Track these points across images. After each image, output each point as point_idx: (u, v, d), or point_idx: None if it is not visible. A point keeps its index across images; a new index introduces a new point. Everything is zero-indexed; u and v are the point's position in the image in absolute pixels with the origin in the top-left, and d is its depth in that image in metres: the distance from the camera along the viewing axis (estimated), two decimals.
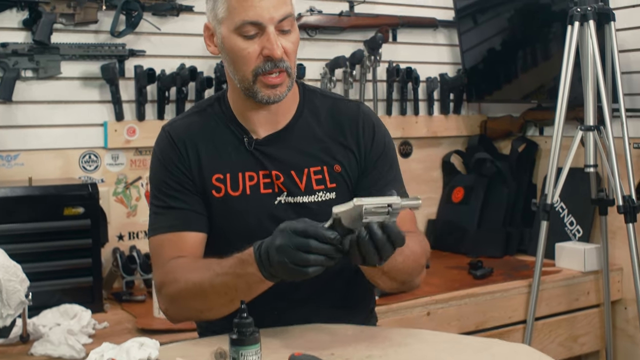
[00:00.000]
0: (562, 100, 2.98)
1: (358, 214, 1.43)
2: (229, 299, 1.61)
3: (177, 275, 1.70)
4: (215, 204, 1.79)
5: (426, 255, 1.79)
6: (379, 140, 1.86)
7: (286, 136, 1.82)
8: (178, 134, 1.83)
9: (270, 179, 1.79)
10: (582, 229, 3.38)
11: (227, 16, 1.69)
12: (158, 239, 1.80)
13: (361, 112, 1.88)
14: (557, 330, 3.16)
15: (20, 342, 2.33)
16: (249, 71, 1.71)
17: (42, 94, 2.92)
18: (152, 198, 1.85)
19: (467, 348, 1.62)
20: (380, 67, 3.52)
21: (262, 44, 1.68)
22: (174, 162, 1.80)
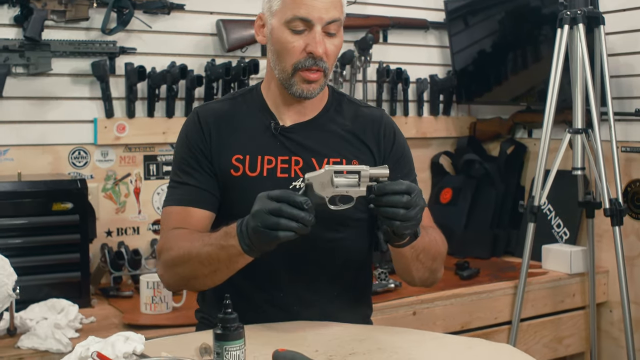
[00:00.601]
0: (551, 103, 2.99)
1: (328, 179, 1.55)
2: (212, 269, 1.71)
3: (172, 244, 1.80)
4: (232, 183, 1.88)
5: (446, 246, 1.91)
6: (399, 145, 1.98)
7: (311, 126, 1.93)
8: (205, 116, 1.93)
9: (288, 165, 1.89)
10: (569, 232, 3.40)
11: (280, 9, 1.81)
12: (167, 210, 1.91)
13: (384, 118, 2.01)
14: (542, 331, 3.17)
15: (7, 336, 2.34)
16: (290, 64, 1.82)
17: (33, 90, 2.92)
18: (171, 173, 1.97)
19: (451, 347, 1.64)
20: (370, 68, 3.53)
21: (307, 40, 1.80)
22: (197, 141, 1.90)
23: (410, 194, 1.60)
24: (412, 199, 1.60)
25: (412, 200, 1.60)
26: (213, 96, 3.17)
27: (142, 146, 3.13)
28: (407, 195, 1.59)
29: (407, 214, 1.60)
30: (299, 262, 1.87)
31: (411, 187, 1.61)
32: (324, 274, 1.90)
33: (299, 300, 1.88)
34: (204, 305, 2.02)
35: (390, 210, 1.59)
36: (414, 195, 1.61)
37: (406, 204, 1.59)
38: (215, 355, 1.30)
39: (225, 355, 1.28)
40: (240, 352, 1.29)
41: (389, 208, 1.59)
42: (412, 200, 1.60)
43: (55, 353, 2.26)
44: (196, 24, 3.20)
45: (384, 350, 1.57)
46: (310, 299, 1.88)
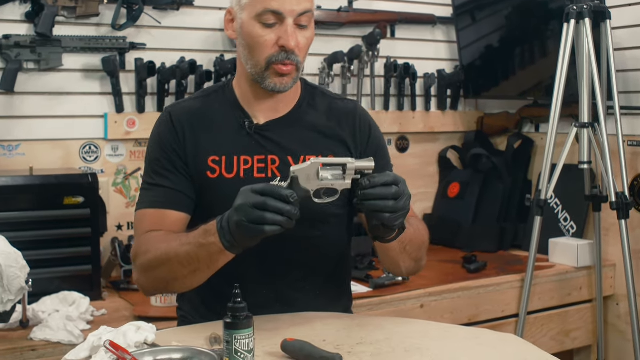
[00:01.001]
0: (558, 97, 3.00)
1: (314, 172, 1.55)
2: (192, 269, 1.68)
3: (149, 247, 1.77)
4: (209, 185, 1.85)
5: (428, 236, 1.91)
6: (375, 137, 1.96)
7: (285, 123, 1.90)
8: (178, 116, 1.89)
9: (264, 164, 1.87)
10: (575, 225, 3.41)
11: (250, 3, 1.78)
12: (141, 213, 1.87)
13: (358, 110, 1.98)
14: (549, 324, 3.19)
15: (20, 328, 2.37)
16: (262, 58, 1.79)
17: (44, 85, 2.96)
18: (144, 175, 1.93)
19: (456, 336, 1.66)
20: (378, 63, 3.55)
21: (279, 33, 1.77)
22: (170, 142, 1.87)
23: (397, 185, 1.60)
24: (400, 189, 1.60)
25: (400, 190, 1.59)
26: None
27: None
28: (395, 186, 1.59)
29: (396, 204, 1.58)
30: (279, 260, 1.85)
31: (397, 177, 1.61)
32: (306, 272, 1.90)
33: (282, 299, 1.87)
34: (183, 304, 2.00)
35: (381, 203, 1.57)
36: (401, 185, 1.61)
37: (394, 195, 1.58)
38: (225, 343, 1.32)
39: (234, 344, 1.31)
40: (250, 340, 1.32)
41: (379, 201, 1.58)
42: (400, 190, 1.59)
43: (67, 345, 2.29)
44: (205, 20, 3.23)
45: (391, 339, 1.60)
46: (294, 297, 1.88)
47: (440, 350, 1.54)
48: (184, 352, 1.43)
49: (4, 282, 2.14)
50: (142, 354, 1.40)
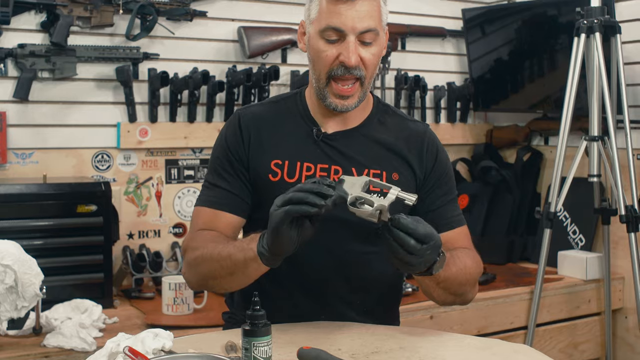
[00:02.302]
0: (568, 110, 3.02)
1: (360, 183, 1.57)
2: (229, 271, 1.71)
3: (198, 243, 1.82)
4: (270, 188, 1.86)
5: (479, 270, 1.89)
6: (441, 162, 1.96)
7: (353, 135, 1.92)
8: (246, 120, 1.94)
9: (327, 172, 1.88)
10: (584, 238, 3.42)
11: (316, 18, 1.82)
12: (198, 210, 1.93)
13: (427, 133, 1.98)
14: (558, 336, 3.20)
15: (33, 334, 2.40)
16: (324, 72, 1.82)
17: (58, 94, 2.99)
18: (207, 171, 1.98)
19: (469, 347, 1.67)
20: (388, 75, 3.58)
21: (340, 49, 1.79)
22: (234, 145, 1.91)
23: (422, 242, 1.55)
24: (422, 247, 1.55)
25: (422, 249, 1.55)
26: (234, 102, 3.22)
27: (164, 150, 3.18)
28: (416, 242, 1.54)
29: (408, 258, 1.55)
30: (329, 271, 1.86)
31: (429, 236, 1.56)
32: (356, 287, 1.90)
33: (327, 311, 1.88)
34: (232, 306, 2.04)
35: (395, 244, 1.55)
36: (427, 246, 1.55)
37: (412, 249, 1.54)
38: (243, 350, 1.34)
39: (253, 351, 1.33)
40: (268, 347, 1.34)
41: (394, 243, 1.55)
42: (421, 249, 1.55)
43: (80, 352, 2.31)
44: (218, 31, 3.26)
45: (406, 349, 1.61)
46: (340, 311, 1.89)
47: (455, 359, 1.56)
48: (201, 358, 1.44)
49: (18, 289, 2.16)
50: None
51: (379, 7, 1.82)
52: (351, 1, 1.77)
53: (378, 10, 1.81)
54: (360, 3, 1.77)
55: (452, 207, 1.96)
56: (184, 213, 3.21)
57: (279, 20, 3.33)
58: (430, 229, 1.58)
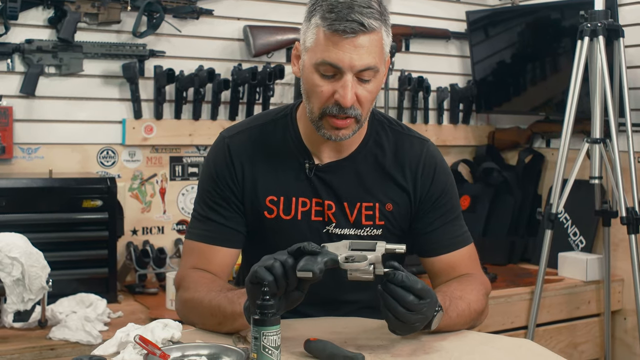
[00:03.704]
0: (570, 113, 3.04)
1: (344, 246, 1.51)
2: (217, 321, 1.66)
3: (191, 285, 1.77)
4: (265, 224, 1.83)
5: (484, 297, 1.83)
6: (438, 183, 1.86)
7: (347, 166, 1.84)
8: (237, 150, 1.84)
9: (322, 207, 1.82)
10: (585, 240, 3.44)
11: (312, 48, 1.68)
12: (190, 244, 1.86)
13: (424, 153, 1.87)
14: (557, 337, 3.22)
15: (38, 327, 2.41)
16: (317, 107, 1.70)
17: (64, 90, 3.00)
18: (196, 200, 1.90)
19: (472, 341, 1.69)
20: (392, 76, 3.60)
21: (336, 87, 1.66)
22: (225, 178, 1.83)
23: (420, 298, 1.49)
24: (420, 303, 1.49)
25: (419, 305, 1.49)
26: (239, 100, 3.24)
27: (169, 147, 3.20)
28: (415, 297, 1.48)
29: (406, 315, 1.49)
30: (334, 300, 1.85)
31: (427, 291, 1.50)
32: (361, 306, 1.88)
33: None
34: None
35: (391, 301, 1.48)
36: (424, 302, 1.49)
37: (410, 305, 1.48)
38: (253, 339, 1.36)
39: (262, 340, 1.34)
40: (277, 337, 1.36)
41: (391, 299, 1.48)
42: (419, 305, 1.49)
43: (85, 345, 2.33)
44: (224, 29, 3.28)
45: (410, 342, 1.63)
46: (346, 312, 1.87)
47: (460, 352, 1.58)
48: (211, 348, 1.46)
49: (25, 281, 2.18)
50: (170, 349, 1.44)
51: (380, 41, 1.67)
52: (351, 37, 1.62)
53: (380, 44, 1.67)
54: (361, 38, 1.62)
55: (453, 228, 1.88)
56: (187, 210, 3.23)
57: (284, 19, 3.36)
58: (426, 285, 1.52)
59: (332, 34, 1.63)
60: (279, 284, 1.46)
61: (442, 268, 1.88)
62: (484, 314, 1.84)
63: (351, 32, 1.62)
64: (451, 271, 1.87)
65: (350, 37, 1.62)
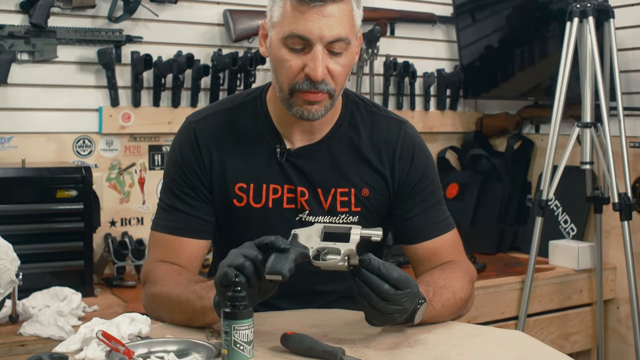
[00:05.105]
0: (560, 97, 2.97)
1: (316, 232, 1.42)
2: (186, 316, 1.58)
3: (158, 279, 1.68)
4: (235, 213, 1.75)
5: (469, 284, 1.75)
6: (417, 167, 1.79)
7: (320, 150, 1.75)
8: (204, 136, 1.75)
9: (294, 194, 1.74)
10: (576, 227, 3.38)
11: (279, 22, 1.61)
12: (157, 236, 1.77)
13: (401, 135, 1.79)
14: (549, 327, 3.16)
15: (9, 323, 2.32)
16: (286, 84, 1.63)
17: (38, 77, 2.91)
18: (162, 190, 1.81)
19: (460, 333, 1.61)
20: (377, 61, 3.51)
21: (306, 60, 1.59)
22: (192, 165, 1.75)
23: (397, 288, 1.40)
24: (396, 294, 1.40)
25: (396, 295, 1.40)
26: (219, 87, 3.15)
27: (147, 136, 3.11)
28: (390, 287, 1.39)
29: (382, 305, 1.40)
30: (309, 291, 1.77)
31: (405, 282, 1.41)
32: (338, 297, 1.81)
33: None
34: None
35: (366, 289, 1.40)
36: (403, 293, 1.40)
37: (385, 294, 1.39)
38: (223, 334, 1.26)
39: (233, 334, 1.25)
40: (249, 331, 1.26)
41: (365, 287, 1.40)
42: (396, 295, 1.40)
43: (57, 340, 2.22)
44: (203, 14, 3.18)
45: (394, 335, 1.54)
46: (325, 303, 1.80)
47: (447, 345, 1.49)
48: (179, 344, 1.37)
49: None
50: (135, 345, 1.35)
51: (351, 12, 1.61)
52: (319, 5, 1.55)
53: (350, 15, 1.60)
54: (329, 7, 1.56)
55: (435, 213, 1.80)
56: None
57: (265, 3, 3.21)
58: (406, 275, 1.42)
59: (298, 3, 1.57)
60: (251, 283, 1.38)
61: (424, 255, 1.80)
62: (469, 302, 1.76)
63: (319, 0, 1.55)
64: (434, 258, 1.79)
65: (318, 5, 1.56)
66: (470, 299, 1.77)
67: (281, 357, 1.41)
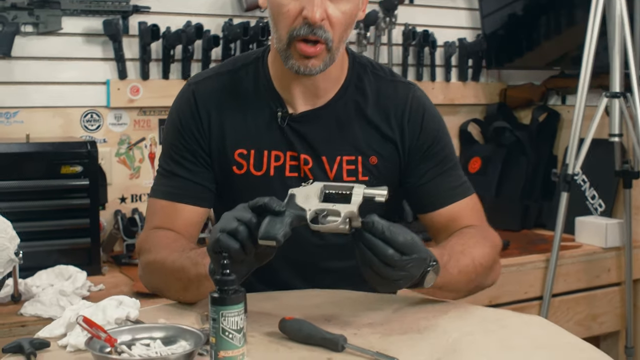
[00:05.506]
0: (587, 66, 2.85)
1: (315, 192, 1.32)
2: (182, 285, 1.51)
3: (153, 246, 1.61)
4: (235, 181, 1.68)
5: (494, 251, 1.65)
6: (429, 129, 1.70)
7: (325, 115, 1.67)
8: (204, 98, 1.69)
9: (297, 162, 1.67)
10: (604, 203, 3.25)
11: None
12: (154, 203, 1.71)
13: (410, 98, 1.70)
14: (575, 308, 3.05)
15: (11, 302, 2.25)
16: (284, 32, 1.55)
17: (43, 49, 2.82)
18: (161, 156, 1.75)
19: (477, 317, 1.49)
20: (395, 30, 3.39)
21: (304, 3, 1.52)
22: (191, 128, 1.68)
23: (403, 253, 1.29)
24: (402, 259, 1.28)
25: (401, 260, 1.28)
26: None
27: (157, 109, 3.01)
28: (395, 252, 1.28)
29: (386, 270, 1.29)
30: (315, 269, 1.70)
31: (411, 246, 1.29)
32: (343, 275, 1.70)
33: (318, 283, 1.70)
34: None
35: (368, 254, 1.29)
36: (409, 258, 1.29)
37: (389, 259, 1.28)
38: (210, 321, 1.15)
39: (221, 322, 1.13)
40: (239, 318, 1.14)
41: (368, 251, 1.29)
42: (401, 261, 1.28)
43: None
44: None
45: (404, 320, 1.44)
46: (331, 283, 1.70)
47: (459, 333, 1.37)
48: (167, 330, 1.27)
49: None
50: (119, 331, 1.25)
51: None
52: None
53: None
54: None
55: (450, 178, 1.71)
56: None
57: None
58: (414, 238, 1.31)
59: None
60: (246, 250, 1.29)
61: (442, 223, 1.70)
62: (493, 271, 1.65)
63: None
64: (453, 225, 1.68)
65: None
66: (494, 269, 1.66)
67: (277, 344, 1.31)
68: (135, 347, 1.23)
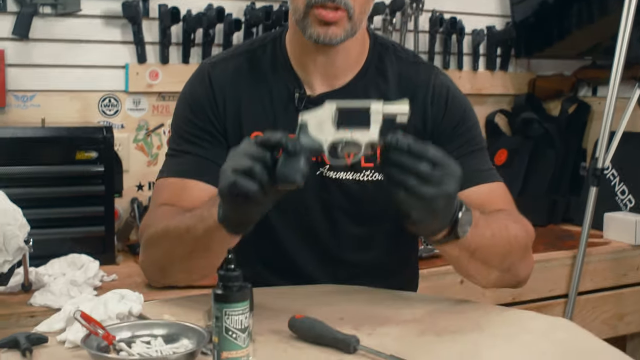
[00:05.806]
0: (620, 56, 2.78)
1: (329, 117, 1.22)
2: (188, 249, 1.40)
3: (155, 221, 1.51)
4: None
5: (527, 235, 1.53)
6: (454, 110, 1.62)
7: (343, 96, 1.55)
8: (219, 80, 1.62)
9: None
10: (634, 199, 3.17)
11: None
12: (161, 182, 1.62)
13: (432, 81, 1.63)
14: (601, 307, 2.98)
15: (21, 291, 2.20)
16: (301, 0, 1.49)
17: (61, 31, 2.77)
18: (170, 140, 1.68)
19: (498, 319, 1.42)
20: (422, 16, 3.30)
21: None
22: (204, 107, 1.61)
23: (435, 164, 1.20)
24: (435, 173, 1.20)
25: (435, 174, 1.19)
26: None
27: (176, 95, 2.87)
28: (427, 164, 1.19)
29: (421, 189, 1.19)
30: (336, 260, 1.62)
31: (440, 158, 1.21)
32: (359, 268, 1.64)
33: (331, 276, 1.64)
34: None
35: (399, 175, 1.20)
36: (442, 171, 1.20)
37: (422, 174, 1.19)
38: (214, 319, 1.08)
39: (225, 320, 1.06)
40: (244, 316, 1.07)
41: (397, 170, 1.20)
42: (434, 175, 1.19)
43: None
44: None
45: (423, 321, 1.37)
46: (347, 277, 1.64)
47: (479, 335, 1.30)
48: (169, 327, 1.21)
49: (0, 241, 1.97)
50: (118, 328, 1.19)
51: None
52: None
53: None
54: None
55: (475, 160, 1.60)
56: None
57: None
58: (443, 153, 1.23)
59: None
60: (266, 190, 1.21)
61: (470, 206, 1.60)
62: (527, 257, 1.54)
63: None
64: (481, 209, 1.55)
65: None
66: (527, 257, 1.54)
67: (286, 343, 1.24)
68: (135, 344, 1.17)
